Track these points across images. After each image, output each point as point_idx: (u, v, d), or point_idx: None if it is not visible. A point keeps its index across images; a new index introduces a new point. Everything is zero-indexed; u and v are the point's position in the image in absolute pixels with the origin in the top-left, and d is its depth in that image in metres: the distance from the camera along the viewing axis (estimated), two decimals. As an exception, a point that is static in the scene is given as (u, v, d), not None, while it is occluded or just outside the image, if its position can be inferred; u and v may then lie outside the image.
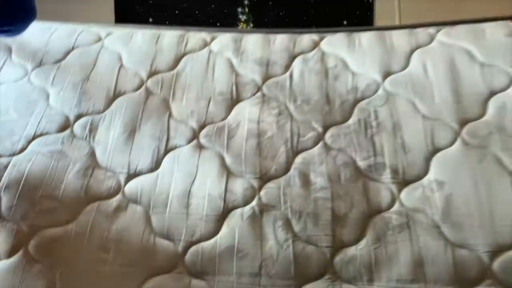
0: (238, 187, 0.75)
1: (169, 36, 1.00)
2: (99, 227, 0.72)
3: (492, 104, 0.78)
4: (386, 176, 0.72)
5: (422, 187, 0.71)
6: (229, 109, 0.85)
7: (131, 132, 0.81)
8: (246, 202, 0.74)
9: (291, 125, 0.80)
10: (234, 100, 0.85)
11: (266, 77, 0.89)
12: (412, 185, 0.71)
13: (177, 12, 2.60)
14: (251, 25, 2.61)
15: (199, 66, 0.92)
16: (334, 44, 0.93)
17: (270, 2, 2.62)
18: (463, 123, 0.75)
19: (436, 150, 0.74)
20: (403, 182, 0.71)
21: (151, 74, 0.92)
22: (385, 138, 0.76)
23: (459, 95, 0.79)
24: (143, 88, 0.89)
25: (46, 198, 0.74)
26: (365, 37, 0.93)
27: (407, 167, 0.72)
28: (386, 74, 0.86)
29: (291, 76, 0.88)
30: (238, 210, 0.74)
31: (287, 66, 0.90)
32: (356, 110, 0.81)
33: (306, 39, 0.94)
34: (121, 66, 0.95)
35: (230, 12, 2.61)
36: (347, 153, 0.76)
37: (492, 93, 0.79)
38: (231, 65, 0.92)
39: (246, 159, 0.77)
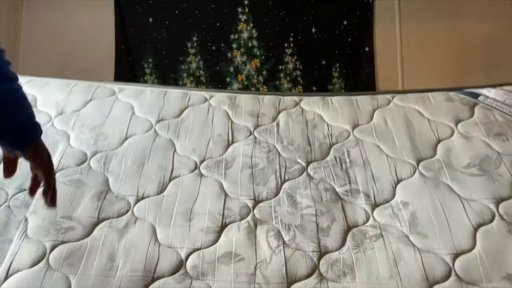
0: (235, 206, 0.88)
1: (175, 92, 1.17)
2: (110, 240, 0.83)
3: (440, 148, 0.99)
4: (360, 199, 0.89)
5: (391, 207, 0.87)
6: (226, 148, 1.00)
7: (140, 164, 0.95)
8: (242, 218, 0.87)
9: (279, 160, 0.97)
10: (230, 141, 1.01)
11: (257, 125, 1.07)
12: (383, 206, 0.88)
13: (177, 12, 2.61)
14: (251, 25, 2.61)
15: (200, 115, 1.08)
16: (311, 103, 1.15)
17: (270, 2, 2.62)
18: (419, 161, 0.96)
19: (399, 180, 0.93)
20: (375, 204, 0.88)
21: (159, 120, 1.08)
22: (357, 170, 0.94)
23: (414, 140, 1.01)
24: (152, 130, 1.05)
25: (65, 218, 0.86)
26: (336, 100, 1.15)
27: (377, 192, 0.90)
28: (355, 125, 1.07)
29: (277, 124, 1.07)
30: (235, 224, 0.86)
31: (274, 118, 1.09)
32: (332, 150, 1.00)
33: (288, 99, 1.15)
34: (133, 114, 1.11)
35: (230, 12, 2.61)
36: (327, 182, 0.92)
37: (439, 140, 1.02)
38: (228, 115, 1.09)
39: (241, 185, 0.91)
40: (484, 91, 1.16)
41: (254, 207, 0.88)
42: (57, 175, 0.93)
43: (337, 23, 2.62)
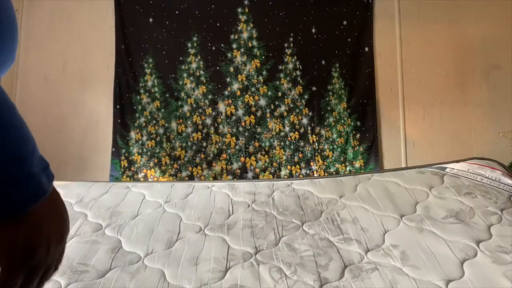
0: (238, 252, 0.95)
1: (181, 184, 1.33)
2: (122, 280, 0.88)
3: (419, 206, 1.13)
4: (354, 245, 0.97)
5: (382, 249, 0.96)
6: (227, 217, 1.11)
7: (150, 230, 1.05)
8: (245, 260, 0.93)
9: (276, 221, 1.08)
10: (231, 212, 1.13)
11: (254, 200, 1.20)
12: (374, 250, 0.96)
13: (177, 12, 2.60)
14: (251, 25, 2.61)
15: (204, 196, 1.23)
16: (302, 184, 1.32)
17: (270, 2, 2.61)
18: (402, 215, 1.09)
19: (387, 230, 1.02)
20: (367, 248, 0.96)
21: (167, 201, 1.21)
22: (348, 225, 1.05)
23: (395, 202, 1.15)
24: (160, 208, 1.18)
25: (81, 264, 0.93)
26: (323, 180, 1.31)
27: (368, 240, 0.99)
28: (341, 195, 1.22)
29: (273, 199, 1.21)
30: (239, 265, 0.92)
31: (269, 195, 1.23)
32: (323, 214, 1.12)
33: (281, 182, 1.32)
34: (144, 198, 1.25)
35: (230, 12, 2.61)
36: (322, 234, 1.02)
37: (417, 201, 1.15)
38: (228, 195, 1.23)
39: (243, 239, 1.00)
40: (449, 165, 1.32)
41: (256, 253, 0.95)
42: (73, 240, 1.00)
43: (337, 23, 2.62)
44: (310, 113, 2.55)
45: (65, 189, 1.33)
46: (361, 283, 0.85)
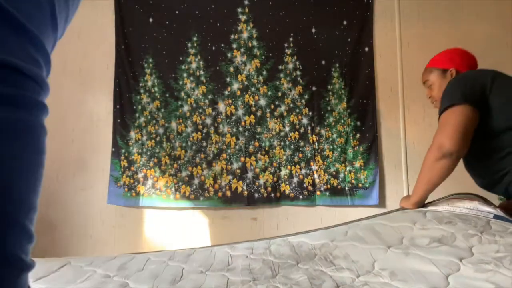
0: (237, 281, 1.03)
1: (183, 250, 1.37)
2: None
3: (405, 239, 1.22)
4: (346, 273, 1.04)
5: (373, 273, 1.03)
6: (227, 265, 1.20)
7: (155, 274, 1.12)
8: (244, 284, 1.01)
9: (273, 263, 1.17)
10: (230, 263, 1.22)
11: (252, 252, 1.31)
12: (365, 274, 1.04)
13: (177, 12, 2.60)
14: (251, 25, 2.61)
15: (204, 252, 1.33)
16: (297, 237, 1.41)
17: (270, 2, 2.61)
18: (389, 246, 1.17)
19: (376, 260, 1.10)
20: (358, 274, 1.03)
21: (170, 259, 1.28)
22: (340, 260, 1.14)
23: (382, 238, 1.24)
24: (165, 263, 1.25)
25: None
26: (316, 232, 1.43)
27: (359, 268, 1.07)
28: (333, 240, 1.32)
29: (269, 250, 1.30)
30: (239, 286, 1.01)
31: (266, 248, 1.34)
32: (317, 256, 1.22)
33: (278, 239, 1.42)
34: (149, 259, 1.30)
35: (230, 12, 2.61)
36: (315, 267, 1.11)
37: (403, 236, 1.24)
38: (227, 252, 1.32)
39: (242, 275, 1.09)
40: (430, 206, 1.41)
41: (254, 280, 1.04)
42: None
43: (337, 23, 2.62)
44: (310, 113, 2.55)
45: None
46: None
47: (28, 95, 0.37)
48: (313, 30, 2.61)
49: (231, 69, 2.57)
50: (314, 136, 2.53)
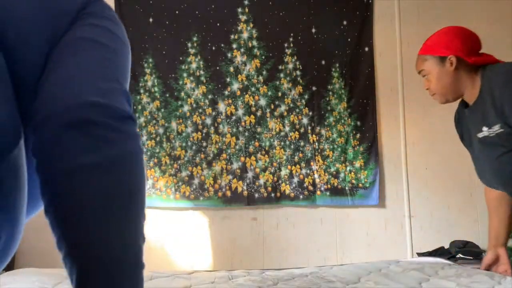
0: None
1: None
2: None
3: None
4: (337, 284, 1.15)
5: (361, 284, 1.15)
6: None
7: None
8: None
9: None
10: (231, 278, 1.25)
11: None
12: (353, 284, 1.16)
13: (177, 12, 2.60)
14: (251, 25, 2.61)
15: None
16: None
17: (270, 2, 2.62)
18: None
19: (360, 277, 1.22)
20: (347, 285, 1.14)
21: None
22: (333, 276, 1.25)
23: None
24: None
25: None
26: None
27: (348, 283, 1.16)
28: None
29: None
30: None
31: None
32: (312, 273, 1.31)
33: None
34: None
35: (230, 12, 2.61)
36: (314, 280, 1.19)
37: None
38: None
39: None
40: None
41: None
42: None
43: (337, 23, 2.62)
44: (310, 113, 2.55)
45: None
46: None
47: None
48: (313, 30, 2.62)
49: (231, 69, 2.57)
50: (314, 136, 2.53)
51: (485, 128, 1.14)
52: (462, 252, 2.11)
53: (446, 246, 2.27)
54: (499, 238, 1.29)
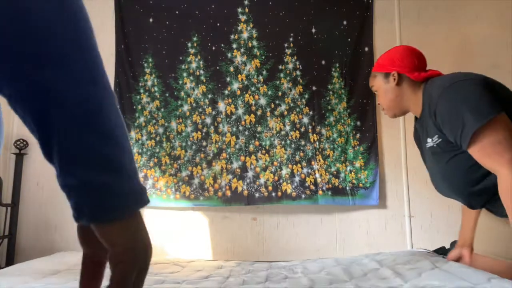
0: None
1: None
2: None
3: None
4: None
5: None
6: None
7: None
8: None
9: None
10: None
11: None
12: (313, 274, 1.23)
13: (177, 12, 2.61)
14: (251, 25, 2.62)
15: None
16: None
17: (270, 2, 2.62)
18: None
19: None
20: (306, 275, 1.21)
21: None
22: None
23: None
24: None
25: None
26: None
27: (308, 274, 1.23)
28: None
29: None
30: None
31: None
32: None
33: None
34: None
35: (230, 12, 2.61)
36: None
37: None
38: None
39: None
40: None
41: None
42: None
43: (337, 23, 2.63)
44: (311, 112, 2.55)
45: None
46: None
47: None
48: (313, 30, 2.62)
49: (231, 68, 2.57)
50: (315, 135, 2.53)
51: (429, 140, 1.21)
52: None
53: (447, 246, 2.26)
54: (467, 239, 1.38)
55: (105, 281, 0.44)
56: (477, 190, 1.14)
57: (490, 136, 1.01)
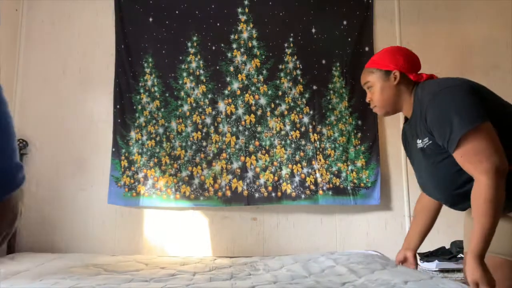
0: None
1: None
2: None
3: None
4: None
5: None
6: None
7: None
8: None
9: None
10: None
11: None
12: (274, 271, 1.30)
13: (177, 12, 2.60)
14: (251, 25, 2.62)
15: None
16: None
17: (270, 2, 2.62)
18: None
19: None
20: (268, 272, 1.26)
21: None
22: None
23: None
24: None
25: None
26: None
27: (270, 271, 1.28)
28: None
29: None
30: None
31: None
32: None
33: None
34: None
35: (230, 12, 2.61)
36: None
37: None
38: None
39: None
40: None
41: None
42: None
43: (337, 23, 2.63)
44: (311, 112, 2.55)
45: None
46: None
47: None
48: (313, 30, 2.62)
49: (231, 68, 2.57)
50: (315, 134, 2.52)
51: (419, 141, 1.23)
52: (463, 252, 2.11)
53: (447, 246, 2.26)
54: (411, 243, 1.46)
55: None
56: (462, 192, 1.18)
57: (473, 142, 1.07)
